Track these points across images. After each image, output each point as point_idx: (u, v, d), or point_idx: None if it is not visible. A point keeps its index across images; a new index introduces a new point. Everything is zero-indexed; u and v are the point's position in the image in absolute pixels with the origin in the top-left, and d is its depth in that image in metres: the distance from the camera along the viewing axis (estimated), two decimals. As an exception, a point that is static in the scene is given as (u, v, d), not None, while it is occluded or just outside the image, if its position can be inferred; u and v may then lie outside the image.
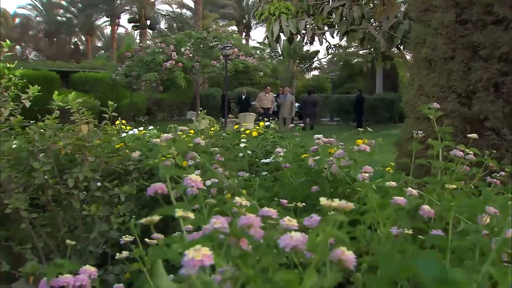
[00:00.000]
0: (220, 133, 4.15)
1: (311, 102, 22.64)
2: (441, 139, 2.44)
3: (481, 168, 2.41)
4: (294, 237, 0.79)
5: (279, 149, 2.48)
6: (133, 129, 4.45)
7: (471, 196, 2.28)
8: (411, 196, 1.69)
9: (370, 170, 1.79)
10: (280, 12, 5.94)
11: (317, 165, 2.21)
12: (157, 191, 1.09)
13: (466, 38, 3.91)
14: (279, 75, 37.38)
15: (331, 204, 0.97)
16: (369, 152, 2.55)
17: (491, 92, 3.76)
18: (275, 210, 1.19)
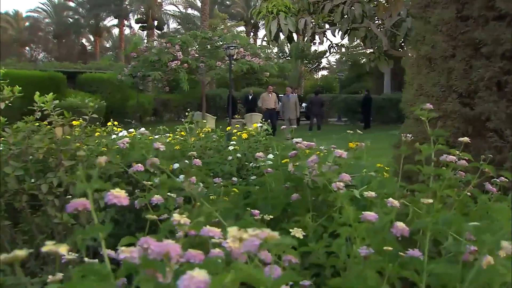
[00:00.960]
0: (210, 135, 4.00)
1: (318, 102, 22.45)
2: (434, 142, 2.25)
3: (477, 174, 2.22)
4: (195, 278, 0.63)
5: (260, 153, 2.31)
6: (122, 131, 4.31)
7: (464, 205, 2.11)
8: (392, 207, 1.53)
9: (348, 178, 1.62)
10: (278, 10, 5.78)
11: (297, 171, 2.05)
12: (78, 208, 0.94)
13: (467, 35, 3.72)
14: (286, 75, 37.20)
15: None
16: (356, 157, 2.40)
17: (493, 91, 3.57)
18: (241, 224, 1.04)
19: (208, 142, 3.77)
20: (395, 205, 1.50)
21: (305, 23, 6.37)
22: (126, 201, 0.93)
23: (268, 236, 0.77)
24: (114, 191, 0.92)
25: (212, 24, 31.74)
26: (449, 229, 1.20)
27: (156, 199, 1.78)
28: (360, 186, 2.03)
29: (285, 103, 16.73)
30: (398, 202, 1.84)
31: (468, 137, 3.83)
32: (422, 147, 2.02)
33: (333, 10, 6.81)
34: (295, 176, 2.06)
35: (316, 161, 1.77)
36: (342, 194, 1.49)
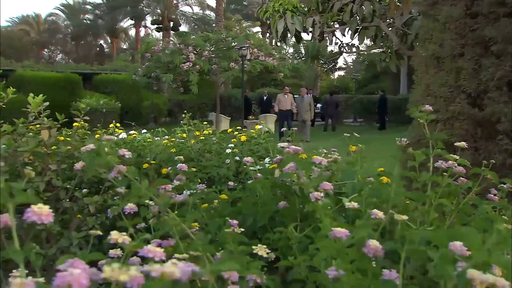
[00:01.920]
0: (210, 137, 3.89)
1: (333, 103, 22.27)
2: (433, 146, 2.11)
3: (479, 181, 2.07)
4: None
5: (249, 158, 2.19)
6: (122, 133, 4.23)
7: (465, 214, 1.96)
8: (376, 219, 1.40)
9: (329, 187, 1.49)
10: (285, 9, 5.65)
11: (283, 178, 1.92)
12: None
13: (477, 32, 3.55)
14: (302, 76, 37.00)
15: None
16: (350, 162, 2.26)
17: (504, 91, 3.39)
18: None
19: (207, 145, 3.66)
20: (380, 217, 1.37)
21: (313, 22, 6.23)
22: (49, 218, 0.82)
23: (164, 272, 0.65)
24: (36, 207, 0.81)
25: (227, 25, 31.72)
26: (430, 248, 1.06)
27: (129, 208, 1.67)
28: (351, 193, 1.90)
29: (299, 104, 16.43)
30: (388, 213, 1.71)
31: (477, 139, 3.67)
32: (416, 152, 1.87)
33: (342, 9, 6.65)
34: (282, 183, 1.94)
35: (293, 168, 1.64)
36: (321, 204, 1.36)
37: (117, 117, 21.84)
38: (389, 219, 1.70)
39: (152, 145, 3.83)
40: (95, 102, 20.52)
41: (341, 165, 2.12)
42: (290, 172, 1.83)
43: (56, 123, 3.10)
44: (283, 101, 16.25)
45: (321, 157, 2.45)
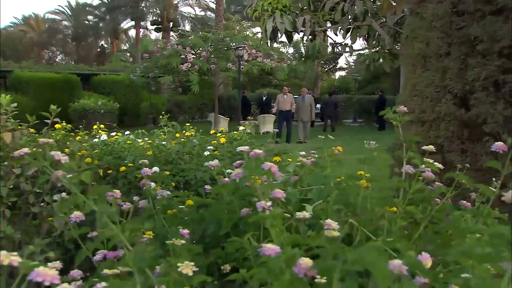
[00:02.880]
0: (191, 139, 3.80)
1: (332, 103, 22.14)
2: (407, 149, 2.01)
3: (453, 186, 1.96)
4: None
5: (215, 161, 2.09)
6: (102, 135, 4.13)
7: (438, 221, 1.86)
8: (329, 230, 1.30)
9: (280, 195, 1.39)
10: (274, 8, 5.55)
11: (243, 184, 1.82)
12: None
13: (463, 31, 3.45)
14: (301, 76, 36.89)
15: None
16: (321, 166, 2.16)
17: (490, 92, 3.29)
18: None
19: (186, 147, 3.57)
20: (333, 227, 1.27)
21: (303, 21, 6.13)
22: None
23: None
24: None
25: (227, 26, 31.63)
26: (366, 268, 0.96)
27: (74, 217, 1.58)
28: (317, 199, 1.80)
29: (300, 104, 16.13)
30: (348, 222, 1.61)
31: (464, 141, 3.57)
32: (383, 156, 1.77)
33: (334, 8, 6.55)
34: (246, 188, 1.84)
35: (240, 175, 1.54)
36: (268, 215, 1.27)
37: (116, 117, 21.77)
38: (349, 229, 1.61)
39: (131, 147, 3.74)
40: (93, 103, 20.43)
41: (310, 169, 2.02)
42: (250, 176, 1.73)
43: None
44: (283, 101, 15.96)
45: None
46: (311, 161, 2.12)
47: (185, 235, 1.52)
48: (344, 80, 45.84)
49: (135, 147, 3.68)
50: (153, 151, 3.52)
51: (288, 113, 16.00)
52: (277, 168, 1.45)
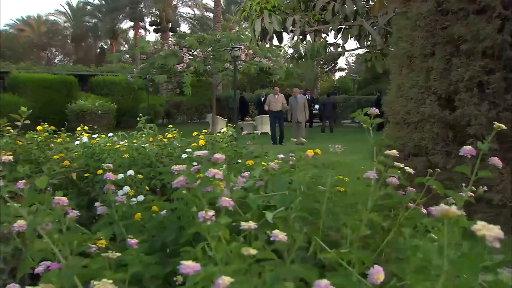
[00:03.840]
0: (171, 141, 3.72)
1: (331, 104, 22.08)
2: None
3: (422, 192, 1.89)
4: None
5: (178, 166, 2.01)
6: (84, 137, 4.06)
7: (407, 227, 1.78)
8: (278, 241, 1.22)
9: (227, 203, 1.32)
10: (262, 8, 5.47)
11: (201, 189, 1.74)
12: None
13: (447, 30, 3.38)
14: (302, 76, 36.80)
15: None
16: (285, 170, 2.09)
17: (474, 93, 3.21)
18: None
19: (165, 150, 3.49)
20: (280, 239, 1.20)
21: (293, 21, 6.06)
22: None
23: None
24: None
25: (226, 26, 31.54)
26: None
27: (18, 226, 1.50)
28: (280, 206, 1.72)
29: (293, 105, 15.88)
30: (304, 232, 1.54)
31: (449, 143, 3.49)
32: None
33: (325, 8, 6.48)
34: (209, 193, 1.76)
35: (183, 182, 1.47)
36: (209, 226, 1.19)
37: (113, 118, 21.70)
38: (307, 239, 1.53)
39: (111, 150, 3.67)
40: (90, 104, 20.36)
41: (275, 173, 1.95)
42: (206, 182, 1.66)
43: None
44: (274, 101, 15.71)
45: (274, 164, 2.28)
46: (276, 166, 2.04)
47: (133, 245, 1.44)
48: (344, 81, 45.70)
49: (115, 150, 3.61)
50: (132, 153, 3.45)
51: (279, 113, 15.75)
52: (221, 175, 1.37)
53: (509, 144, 3.12)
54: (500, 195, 3.10)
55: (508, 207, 3.28)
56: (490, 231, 0.68)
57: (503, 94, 3.06)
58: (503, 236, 0.69)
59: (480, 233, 0.68)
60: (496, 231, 0.68)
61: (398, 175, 1.71)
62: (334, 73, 46.69)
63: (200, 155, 1.66)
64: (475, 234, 1.46)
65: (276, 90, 15.83)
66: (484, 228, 0.69)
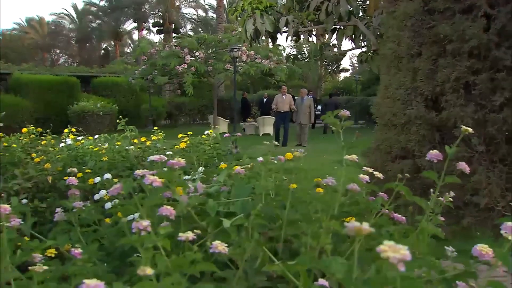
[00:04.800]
0: (155, 144, 3.66)
1: (333, 104, 21.99)
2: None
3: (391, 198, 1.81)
4: None
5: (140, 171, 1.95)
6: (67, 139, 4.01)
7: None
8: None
9: (169, 212, 1.25)
10: (253, 8, 5.41)
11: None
12: None
13: (434, 30, 3.29)
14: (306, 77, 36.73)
15: None
16: (249, 175, 2.02)
17: (461, 94, 3.13)
18: None
19: (146, 152, 3.43)
20: (220, 250, 1.13)
21: (286, 21, 5.99)
22: None
23: None
24: None
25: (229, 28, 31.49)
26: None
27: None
28: (241, 212, 1.65)
29: (298, 106, 15.43)
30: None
31: (436, 146, 3.41)
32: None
33: (319, 8, 6.40)
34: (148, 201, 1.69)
35: (118, 190, 1.40)
36: (141, 237, 1.12)
37: (115, 120, 21.67)
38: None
39: (93, 152, 3.62)
40: (92, 105, 20.36)
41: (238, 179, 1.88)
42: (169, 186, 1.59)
43: None
44: (281, 102, 15.32)
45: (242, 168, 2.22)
46: (242, 171, 1.97)
47: (76, 255, 1.37)
48: (348, 82, 45.55)
49: (96, 152, 3.56)
50: (113, 156, 3.39)
51: (286, 114, 15.34)
52: (160, 182, 1.30)
53: (496, 146, 3.03)
54: (487, 199, 3.01)
55: (496, 211, 3.19)
56: (396, 253, 0.61)
57: (490, 95, 2.98)
58: (409, 257, 0.62)
59: (384, 254, 0.61)
60: (402, 252, 0.61)
61: (357, 181, 1.63)
62: (337, 74, 46.53)
63: (155, 160, 1.59)
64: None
65: (283, 90, 15.39)
66: (390, 249, 0.62)
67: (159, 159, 1.59)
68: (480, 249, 1.26)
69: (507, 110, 2.91)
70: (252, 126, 21.44)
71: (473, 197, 3.08)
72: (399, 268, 0.61)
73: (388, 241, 0.62)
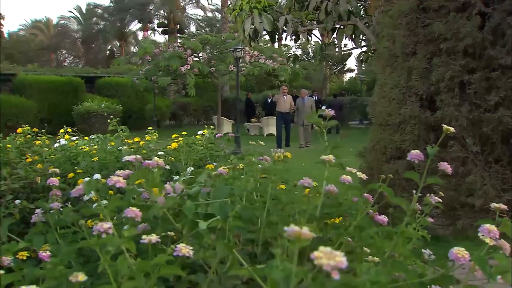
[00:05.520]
0: (147, 144, 3.63)
1: (337, 105, 21.89)
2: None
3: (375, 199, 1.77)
4: None
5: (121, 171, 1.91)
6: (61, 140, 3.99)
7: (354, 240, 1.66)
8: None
9: (133, 213, 1.22)
10: (251, 8, 5.37)
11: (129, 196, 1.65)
12: None
13: (429, 28, 3.25)
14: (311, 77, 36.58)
15: None
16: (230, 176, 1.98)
17: (455, 93, 3.08)
18: None
19: (138, 152, 3.40)
20: (184, 253, 1.09)
21: (285, 21, 5.94)
22: None
23: None
24: None
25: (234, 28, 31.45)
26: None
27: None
28: (219, 214, 1.61)
29: (299, 107, 15.32)
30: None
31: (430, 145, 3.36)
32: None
33: (319, 8, 6.36)
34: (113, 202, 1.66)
35: (79, 192, 1.37)
36: (101, 240, 1.09)
37: (119, 120, 21.67)
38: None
39: (85, 153, 3.60)
40: (96, 105, 20.38)
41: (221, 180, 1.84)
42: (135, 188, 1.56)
43: None
44: (282, 102, 15.26)
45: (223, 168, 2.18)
46: (225, 171, 1.93)
47: (44, 258, 1.34)
48: (354, 82, 45.35)
49: (87, 153, 3.53)
50: (104, 156, 3.36)
51: (288, 115, 15.23)
52: (123, 183, 1.27)
53: (492, 146, 2.98)
54: (481, 200, 2.96)
55: (492, 213, 3.14)
56: (330, 260, 0.57)
57: (485, 94, 2.93)
58: (346, 264, 0.58)
59: (318, 262, 0.57)
60: (338, 259, 0.57)
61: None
62: (343, 74, 46.35)
63: (129, 160, 1.56)
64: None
65: (284, 90, 15.24)
66: (325, 256, 0.58)
67: (134, 159, 1.55)
68: (456, 253, 1.22)
69: (502, 109, 2.86)
70: (256, 127, 21.38)
71: (468, 198, 3.03)
72: (333, 277, 0.57)
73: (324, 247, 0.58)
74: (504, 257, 1.09)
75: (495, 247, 1.26)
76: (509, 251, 1.32)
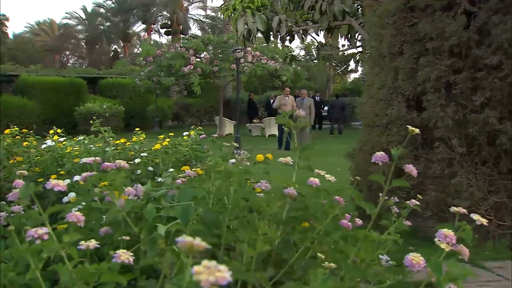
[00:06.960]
0: (133, 145, 3.60)
1: (339, 106, 21.80)
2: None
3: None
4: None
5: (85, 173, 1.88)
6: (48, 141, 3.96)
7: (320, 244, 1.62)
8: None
9: (77, 218, 1.18)
10: (244, 7, 5.33)
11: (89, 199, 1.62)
12: None
13: (415, 28, 3.20)
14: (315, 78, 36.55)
15: None
16: (197, 179, 1.94)
17: (442, 94, 3.03)
18: None
19: (122, 154, 3.37)
20: (123, 260, 1.05)
21: (279, 21, 5.90)
22: None
23: None
24: None
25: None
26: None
27: None
28: (181, 218, 1.58)
29: (298, 107, 15.36)
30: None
31: (418, 147, 3.31)
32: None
33: (314, 8, 6.31)
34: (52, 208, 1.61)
35: (16, 196, 1.33)
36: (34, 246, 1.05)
37: (121, 121, 21.70)
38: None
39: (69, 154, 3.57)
40: (98, 106, 20.41)
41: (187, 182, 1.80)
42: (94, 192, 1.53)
43: None
44: (284, 103, 15.21)
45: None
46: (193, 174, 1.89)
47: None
48: (357, 83, 45.21)
49: (70, 154, 3.50)
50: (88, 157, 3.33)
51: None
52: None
53: (478, 148, 2.92)
54: (467, 202, 2.91)
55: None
56: (211, 275, 0.52)
57: (471, 94, 2.87)
58: (228, 279, 0.54)
59: (197, 277, 0.53)
60: (218, 275, 0.52)
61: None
62: (346, 75, 46.23)
63: (87, 162, 1.52)
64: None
65: (286, 91, 15.14)
66: (206, 271, 0.53)
67: (91, 161, 1.51)
68: (411, 259, 1.17)
69: (488, 110, 2.80)
70: (258, 127, 21.34)
71: (454, 201, 2.97)
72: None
73: (209, 261, 0.54)
74: (456, 264, 1.04)
75: (453, 252, 1.21)
76: (468, 256, 1.27)
